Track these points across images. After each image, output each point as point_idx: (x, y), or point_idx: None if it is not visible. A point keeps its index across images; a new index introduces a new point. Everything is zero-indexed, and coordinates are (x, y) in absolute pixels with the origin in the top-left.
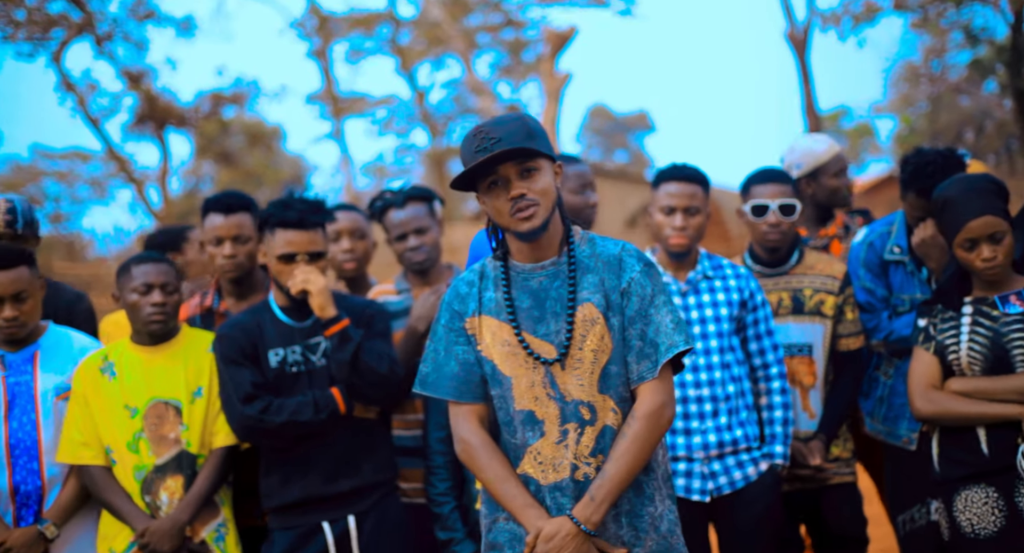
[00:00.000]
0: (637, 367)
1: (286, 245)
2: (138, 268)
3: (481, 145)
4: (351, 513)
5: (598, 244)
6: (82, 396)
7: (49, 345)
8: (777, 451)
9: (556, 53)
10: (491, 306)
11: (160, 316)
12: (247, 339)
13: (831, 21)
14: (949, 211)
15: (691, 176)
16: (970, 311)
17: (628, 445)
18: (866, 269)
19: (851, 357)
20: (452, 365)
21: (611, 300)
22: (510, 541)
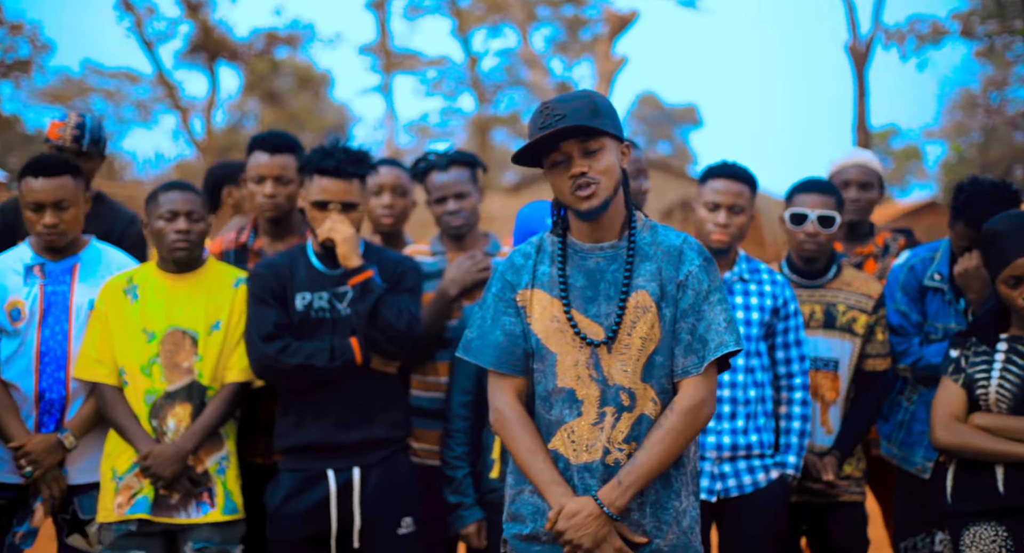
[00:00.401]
0: (683, 361)
1: (320, 192)
2: (165, 195)
3: (546, 122)
4: (358, 465)
5: (660, 233)
6: (103, 315)
7: (89, 259)
8: (790, 461)
9: (614, 35)
10: (544, 281)
11: (184, 243)
12: (277, 280)
13: (895, 38)
14: (997, 245)
15: (740, 175)
16: (1005, 348)
17: (663, 436)
18: (903, 292)
19: (876, 378)
20: (497, 334)
21: (666, 291)
22: (533, 514)
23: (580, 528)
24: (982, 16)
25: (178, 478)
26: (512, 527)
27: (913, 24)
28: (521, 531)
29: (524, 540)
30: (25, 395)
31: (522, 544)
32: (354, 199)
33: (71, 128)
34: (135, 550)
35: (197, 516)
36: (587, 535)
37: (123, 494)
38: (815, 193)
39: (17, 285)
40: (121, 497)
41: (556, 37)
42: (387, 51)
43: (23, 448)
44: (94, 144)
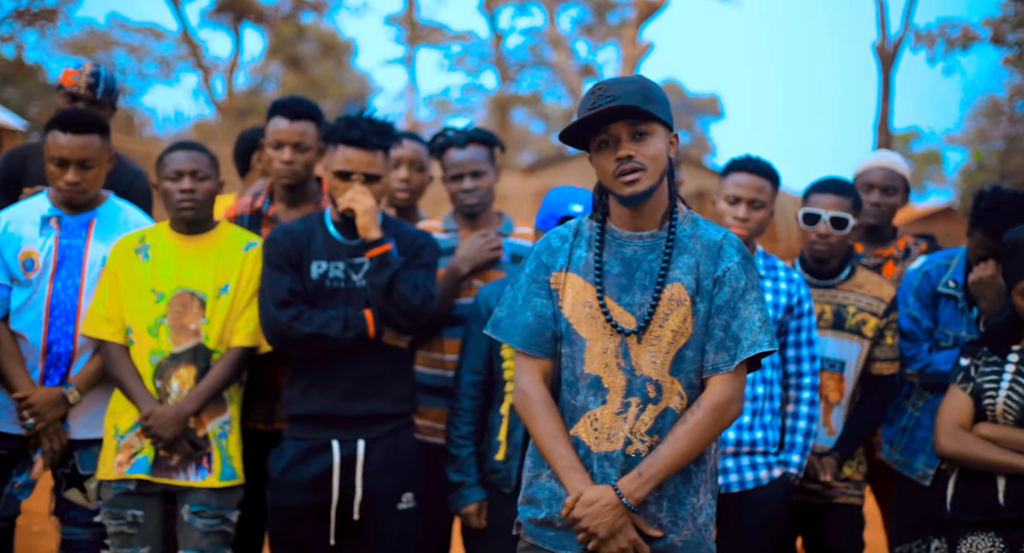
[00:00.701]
0: (714, 357)
1: (344, 162)
2: (170, 156)
3: (597, 101)
4: (363, 437)
5: (700, 226)
6: (113, 273)
7: (106, 215)
8: (793, 460)
9: (642, 21)
10: (580, 265)
11: (188, 203)
12: (294, 247)
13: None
14: (1016, 256)
15: (763, 170)
16: (1016, 360)
17: (688, 430)
18: (916, 298)
19: (882, 381)
20: (528, 315)
21: (702, 285)
22: (549, 499)
23: (597, 517)
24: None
25: (178, 440)
26: (527, 510)
27: (944, 27)
28: (536, 515)
29: (538, 525)
30: (33, 346)
31: (536, 528)
32: (377, 171)
33: (86, 76)
34: (132, 509)
35: (195, 480)
36: (603, 524)
37: (124, 452)
38: (831, 194)
39: (33, 235)
40: (122, 455)
41: (583, 19)
42: (413, 23)
43: (27, 400)
44: (107, 94)
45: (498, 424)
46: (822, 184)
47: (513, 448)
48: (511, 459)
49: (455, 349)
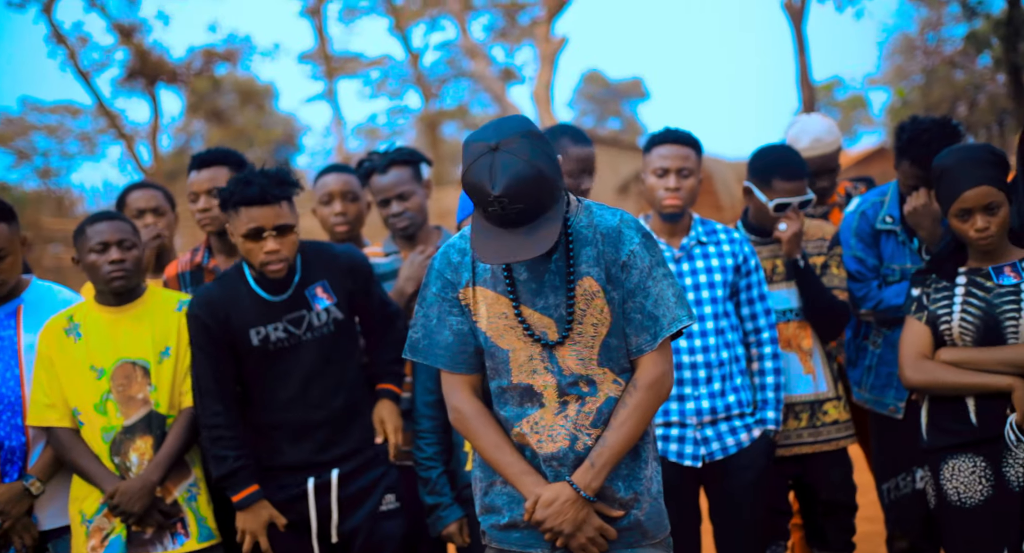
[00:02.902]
0: (636, 339)
1: (250, 221)
2: (92, 228)
3: (502, 212)
4: (337, 468)
5: (595, 213)
6: (47, 358)
7: (33, 300)
8: (769, 417)
9: (552, 16)
10: (486, 276)
11: (119, 272)
12: (216, 321)
13: None
14: (946, 180)
15: (684, 139)
16: (964, 282)
17: (629, 413)
18: (857, 238)
19: None
20: (446, 334)
21: (611, 273)
22: (508, 504)
23: (559, 514)
24: None
25: (148, 512)
26: (488, 519)
27: None
28: (499, 521)
29: (502, 529)
30: None
31: (500, 533)
32: (287, 221)
33: None
34: None
35: (174, 548)
36: (567, 521)
37: (95, 537)
38: (793, 180)
39: None
40: (94, 540)
41: (495, 24)
42: (327, 56)
43: None
44: None
45: (461, 438)
46: (782, 170)
47: None
48: None
49: None
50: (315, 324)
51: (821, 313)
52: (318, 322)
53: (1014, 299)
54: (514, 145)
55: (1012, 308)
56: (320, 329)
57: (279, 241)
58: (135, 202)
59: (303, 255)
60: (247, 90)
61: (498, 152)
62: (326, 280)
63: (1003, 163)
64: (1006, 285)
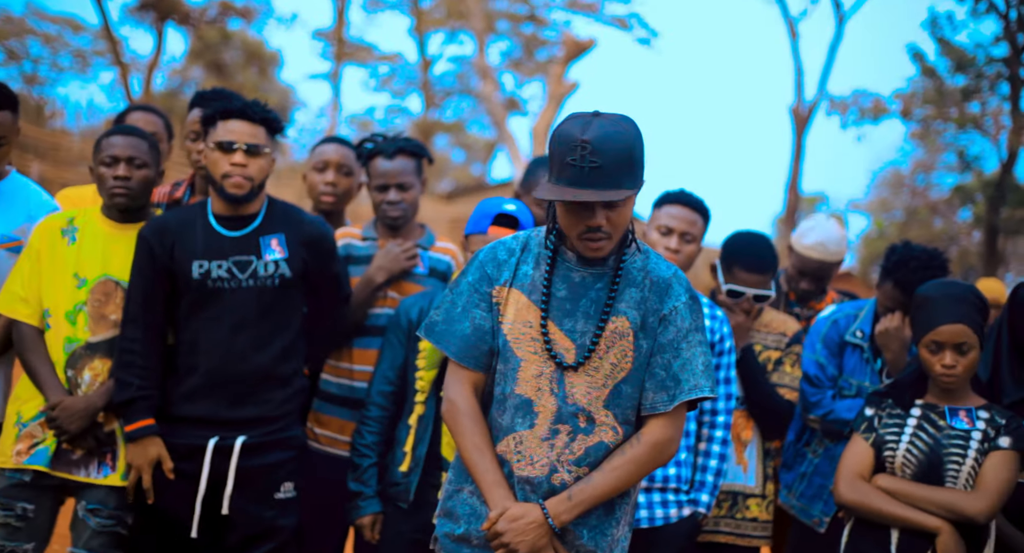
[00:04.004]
0: (653, 396)
1: (226, 133)
2: (108, 140)
3: (580, 161)
4: (244, 434)
5: (651, 261)
6: (36, 252)
7: (7, 191)
8: (702, 499)
9: (570, 60)
10: (525, 282)
11: (122, 190)
12: (163, 247)
13: (838, 107)
14: (924, 310)
15: (695, 204)
16: (918, 414)
17: (624, 463)
18: (824, 345)
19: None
20: (465, 325)
21: (647, 321)
22: (468, 515)
23: (520, 533)
24: (922, 100)
25: (84, 434)
26: (444, 525)
27: (857, 97)
28: (453, 531)
29: (455, 541)
30: None
31: (452, 544)
32: (261, 142)
33: None
34: (24, 502)
35: (97, 476)
36: (526, 542)
37: (24, 442)
38: (755, 273)
39: None
40: (21, 444)
41: (512, 52)
42: (341, 39)
43: None
44: None
45: (405, 436)
46: (746, 261)
47: (416, 462)
48: (412, 472)
49: (364, 359)
50: (260, 273)
51: (761, 409)
52: (264, 272)
53: (962, 444)
54: (617, 117)
55: (958, 453)
56: (264, 280)
57: (248, 158)
58: (132, 122)
59: (270, 207)
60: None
61: (598, 117)
62: (283, 235)
63: (985, 308)
64: (957, 429)
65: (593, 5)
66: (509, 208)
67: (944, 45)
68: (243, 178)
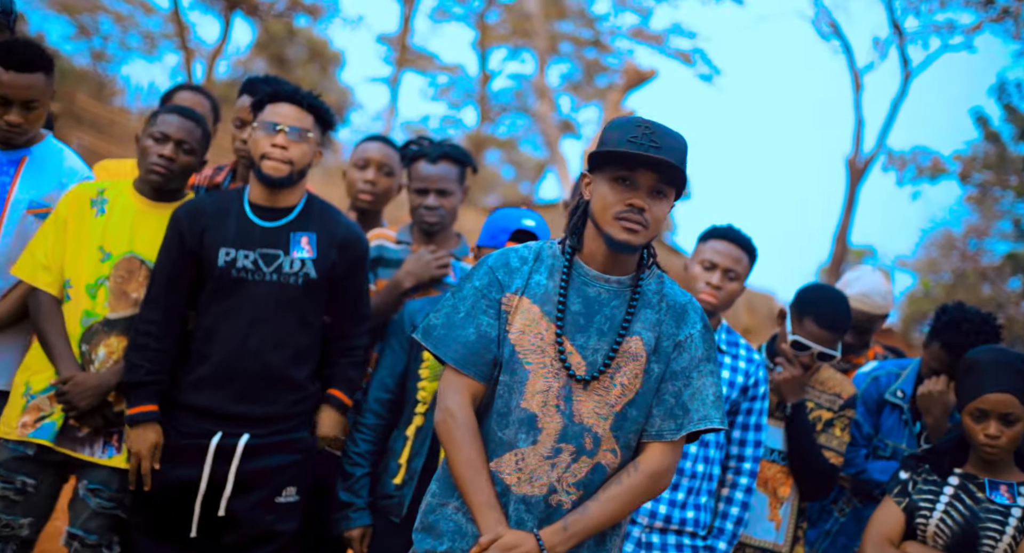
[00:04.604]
0: (660, 423)
1: (272, 115)
2: (164, 116)
3: (643, 139)
4: (249, 432)
5: (667, 285)
6: (63, 220)
7: (40, 156)
8: (720, 547)
9: (629, 88)
10: (537, 292)
11: (161, 168)
12: (192, 231)
13: (896, 163)
14: (972, 375)
15: (743, 242)
16: (956, 483)
17: (621, 492)
18: (861, 402)
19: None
20: (469, 332)
21: (661, 345)
22: (452, 533)
23: None
24: (982, 164)
25: (92, 412)
26: (424, 540)
27: (916, 154)
28: (435, 548)
29: None
30: None
31: None
32: (306, 127)
33: None
34: (25, 476)
35: (101, 457)
36: None
37: (30, 414)
38: (827, 330)
39: None
40: (28, 417)
41: (572, 75)
42: (404, 45)
43: None
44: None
45: (401, 447)
46: (820, 316)
47: (411, 475)
48: (406, 486)
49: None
50: (286, 270)
51: (802, 466)
52: (289, 269)
53: (1000, 520)
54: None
55: (995, 528)
56: (288, 277)
57: (290, 142)
58: (180, 102)
59: (308, 203)
60: (318, 50)
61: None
62: (315, 234)
63: None
64: (997, 503)
65: (658, 37)
66: (528, 224)
67: (1010, 111)
68: (282, 161)
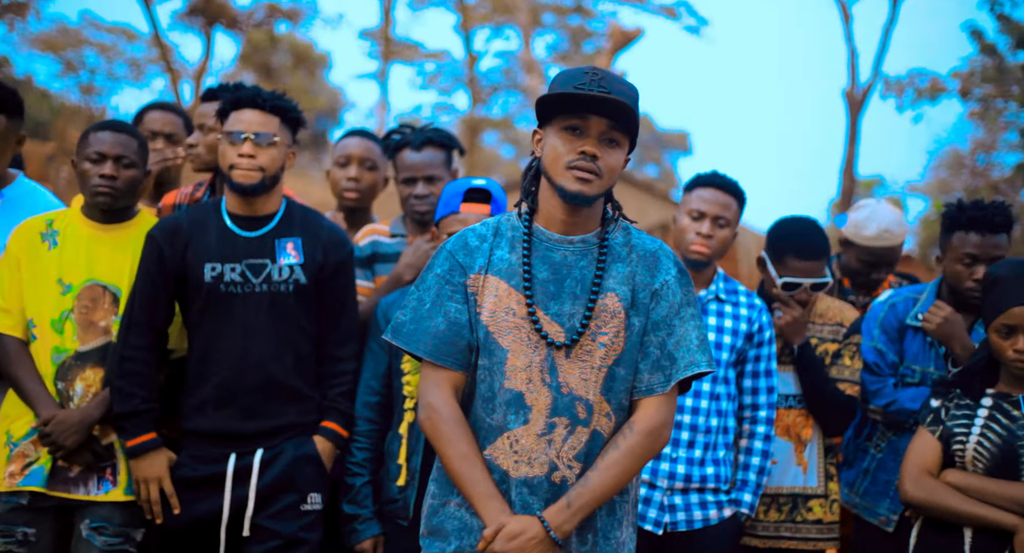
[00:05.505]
0: (649, 377)
1: (235, 123)
2: (95, 135)
3: (589, 84)
4: (262, 447)
5: (633, 235)
6: (15, 259)
7: (14, 197)
8: (745, 499)
9: (616, 50)
10: (501, 267)
11: (106, 189)
12: (173, 249)
13: (894, 89)
14: (994, 292)
15: (729, 187)
16: (989, 404)
17: (620, 457)
18: (882, 330)
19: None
20: (439, 321)
21: (638, 298)
22: (458, 530)
23: (521, 551)
24: (981, 78)
25: (80, 449)
26: (432, 545)
27: (913, 78)
28: (444, 550)
29: None
30: None
31: None
32: (271, 131)
33: None
34: (24, 526)
35: (97, 494)
36: None
37: (16, 462)
38: (810, 260)
39: None
40: (14, 465)
41: (558, 45)
42: (388, 38)
43: None
44: None
45: (397, 447)
46: (798, 249)
47: (411, 475)
48: (408, 487)
49: None
50: (274, 278)
51: (822, 406)
52: (278, 277)
53: None
54: (623, 79)
55: None
56: (278, 285)
57: (257, 149)
58: (150, 122)
59: (288, 210)
60: (303, 54)
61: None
62: (300, 239)
63: None
64: None
65: None
66: (478, 183)
67: (1003, 21)
68: (251, 169)
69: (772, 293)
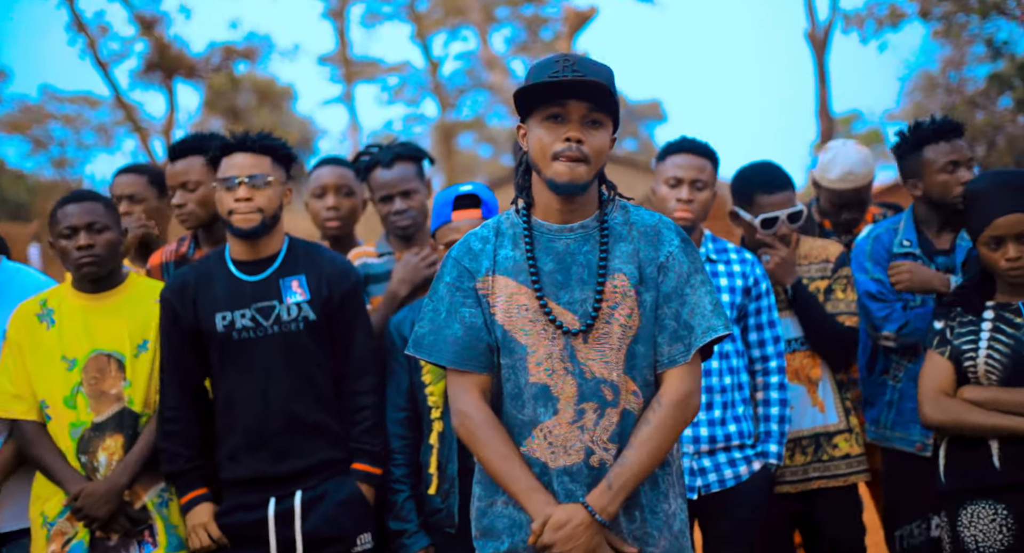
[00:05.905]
0: (669, 349)
1: (227, 169)
2: (62, 211)
3: (563, 71)
4: (300, 489)
5: (632, 212)
6: (16, 344)
7: (1, 282)
8: (771, 450)
9: (574, 32)
10: (507, 266)
11: (88, 258)
12: (184, 307)
13: (854, 23)
14: (977, 206)
15: (700, 149)
16: (991, 317)
17: (652, 432)
18: (874, 262)
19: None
20: (455, 328)
21: (645, 273)
22: (509, 528)
23: (570, 539)
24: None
25: (114, 517)
26: (486, 545)
27: (871, 8)
28: (498, 549)
29: None
30: None
31: None
32: (264, 172)
33: None
34: None
35: None
36: (579, 547)
37: (56, 541)
38: (777, 192)
39: None
40: (54, 545)
41: (516, 37)
42: (347, 60)
43: None
44: None
45: (428, 458)
46: (762, 183)
47: (449, 481)
48: (449, 495)
49: None
50: (284, 318)
51: (824, 341)
52: (287, 316)
53: None
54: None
55: None
56: (288, 324)
57: (253, 191)
58: (115, 187)
59: (290, 248)
60: (265, 90)
61: None
62: (304, 276)
63: None
64: None
65: None
66: (465, 189)
67: None
68: (250, 212)
69: (756, 239)
